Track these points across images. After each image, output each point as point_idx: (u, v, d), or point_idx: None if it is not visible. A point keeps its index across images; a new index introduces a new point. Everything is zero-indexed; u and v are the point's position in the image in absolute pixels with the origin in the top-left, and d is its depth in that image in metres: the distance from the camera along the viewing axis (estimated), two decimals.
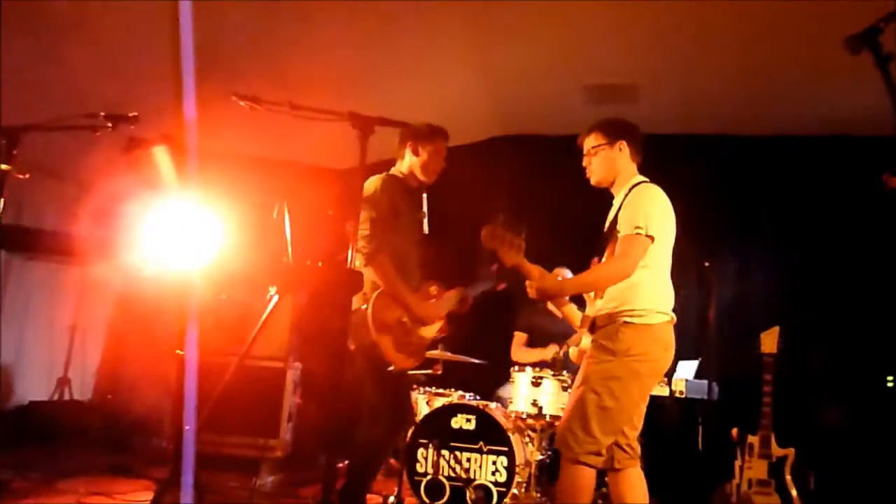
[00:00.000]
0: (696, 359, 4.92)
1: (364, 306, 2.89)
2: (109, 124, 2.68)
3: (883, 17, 1.53)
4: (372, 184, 3.04)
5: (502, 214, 2.79)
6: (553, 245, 3.35)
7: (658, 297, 2.64)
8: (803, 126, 5.25)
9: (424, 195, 3.25)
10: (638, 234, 2.58)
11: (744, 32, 4.26)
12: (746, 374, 4.17)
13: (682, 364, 4.99)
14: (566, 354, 4.26)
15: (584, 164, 2.88)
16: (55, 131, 2.65)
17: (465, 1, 4.17)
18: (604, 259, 2.76)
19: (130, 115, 2.68)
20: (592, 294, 2.81)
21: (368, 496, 3.18)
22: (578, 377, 2.70)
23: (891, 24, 1.53)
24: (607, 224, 2.83)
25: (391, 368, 2.94)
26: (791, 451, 3.89)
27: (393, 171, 3.19)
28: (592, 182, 2.87)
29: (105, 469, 4.36)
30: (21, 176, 2.49)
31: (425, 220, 3.24)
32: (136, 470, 4.37)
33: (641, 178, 2.82)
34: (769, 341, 4.05)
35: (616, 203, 2.80)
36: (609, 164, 2.82)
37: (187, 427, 1.91)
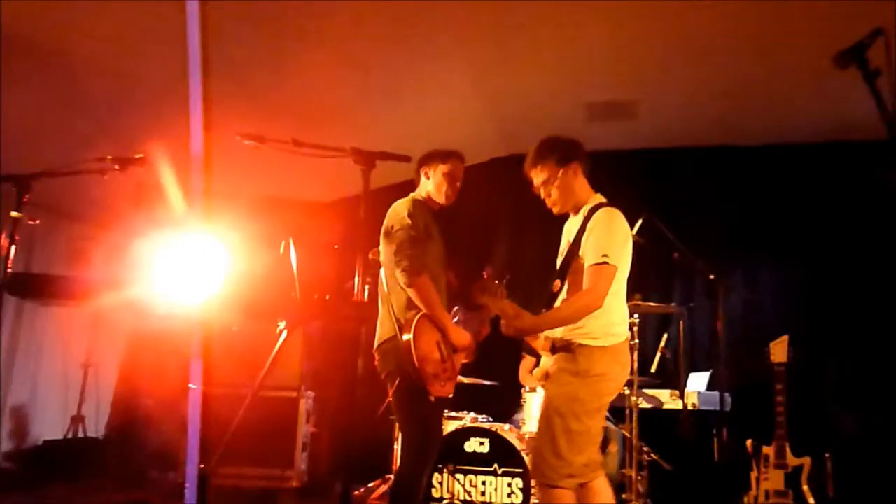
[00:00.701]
0: (706, 370, 4.92)
1: (406, 337, 2.83)
2: (117, 167, 2.74)
3: (868, 34, 1.57)
4: (403, 206, 3.02)
5: (489, 268, 2.89)
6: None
7: (614, 320, 2.68)
8: (804, 134, 5.28)
9: None
10: (605, 263, 2.59)
11: (739, 44, 4.31)
12: (759, 384, 4.17)
13: (693, 376, 4.98)
14: None
15: (541, 195, 2.83)
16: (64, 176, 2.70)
17: (463, 25, 4.23)
18: (565, 284, 2.76)
19: (137, 156, 2.74)
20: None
21: None
22: (543, 402, 2.74)
23: (877, 40, 1.57)
24: (567, 245, 2.81)
25: (432, 398, 2.88)
26: (807, 461, 3.87)
27: (415, 195, 3.18)
28: (557, 212, 2.85)
29: None
30: (32, 222, 2.54)
31: None
32: None
33: (599, 198, 2.82)
34: (779, 350, 4.05)
35: (575, 223, 2.80)
36: (569, 189, 2.79)
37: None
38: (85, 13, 3.71)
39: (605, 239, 2.63)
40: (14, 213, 2.52)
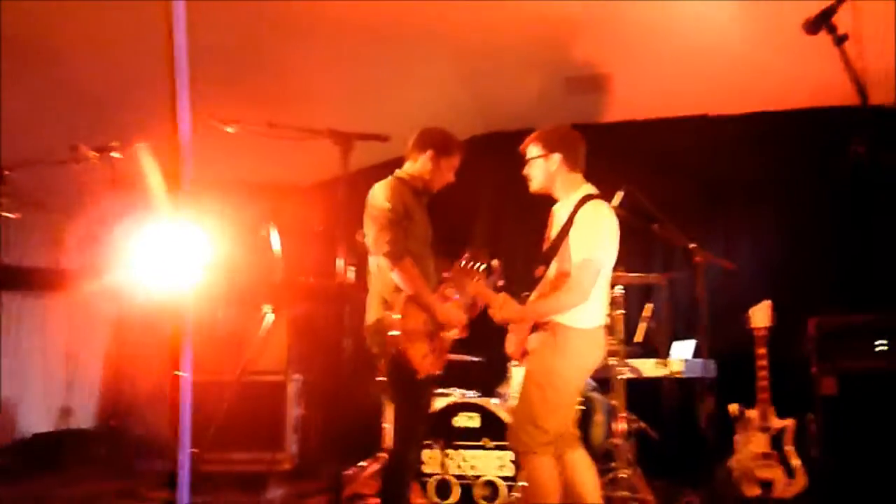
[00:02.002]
0: (691, 338, 4.97)
1: (392, 314, 2.86)
2: (93, 153, 2.71)
3: (837, 1, 1.58)
4: (381, 190, 3.00)
5: (469, 251, 2.97)
6: (541, 241, 3.40)
7: (592, 308, 2.82)
8: (778, 101, 5.31)
9: None
10: (591, 260, 2.74)
11: (712, 15, 4.31)
12: (743, 349, 4.23)
13: (676, 344, 5.03)
14: None
15: (524, 171, 3.02)
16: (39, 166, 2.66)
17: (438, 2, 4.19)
18: (550, 269, 2.90)
19: (112, 144, 2.71)
20: (533, 296, 2.95)
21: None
22: (523, 375, 2.90)
23: (843, 5, 1.58)
24: (554, 232, 2.95)
25: (420, 377, 2.90)
26: (790, 422, 3.94)
27: (399, 173, 3.14)
28: (531, 189, 3.03)
29: (113, 495, 4.37)
30: (11, 216, 2.51)
31: None
32: (142, 494, 4.38)
33: (589, 189, 2.93)
34: (760, 315, 4.09)
35: (563, 211, 2.93)
36: (544, 174, 2.96)
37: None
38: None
39: (592, 236, 2.77)
40: None
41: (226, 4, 3.70)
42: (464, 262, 2.93)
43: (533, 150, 2.99)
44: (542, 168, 2.96)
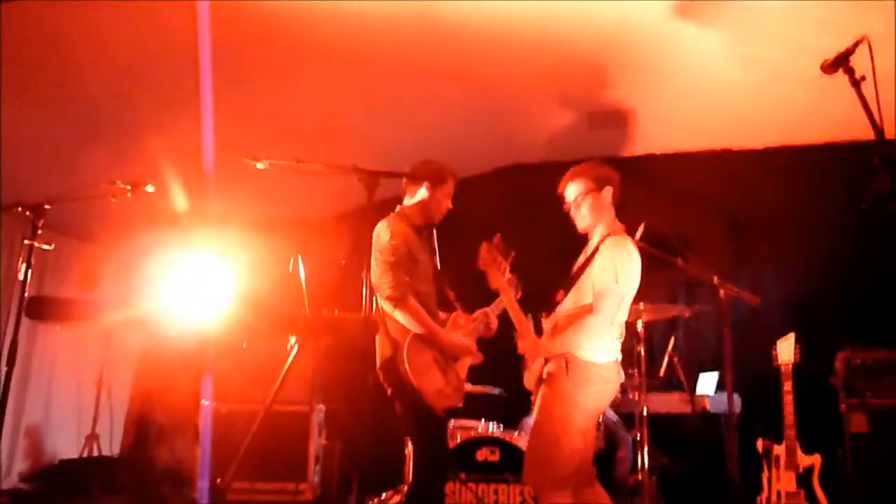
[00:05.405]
0: (714, 370, 4.92)
1: (401, 358, 2.88)
2: (129, 188, 2.81)
3: (853, 43, 1.62)
4: (383, 229, 3.04)
5: (498, 236, 2.95)
6: (563, 271, 3.41)
7: (606, 342, 2.80)
8: (799, 135, 5.31)
9: (434, 231, 3.31)
10: (614, 288, 2.72)
11: (732, 50, 4.35)
12: (769, 383, 4.18)
13: (703, 376, 4.98)
14: None
15: (569, 211, 2.96)
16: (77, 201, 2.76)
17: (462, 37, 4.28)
18: (566, 300, 2.88)
19: (146, 179, 2.80)
20: (548, 325, 2.93)
21: None
22: (536, 407, 2.84)
23: (859, 48, 1.62)
24: (579, 262, 2.93)
25: (438, 413, 2.94)
26: (817, 459, 3.87)
27: (399, 210, 3.21)
28: (580, 229, 2.97)
29: None
30: (47, 247, 2.60)
31: (436, 257, 3.29)
32: None
33: (616, 224, 2.93)
34: (786, 350, 4.05)
35: (591, 245, 2.93)
36: (598, 210, 2.91)
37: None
38: (92, 41, 3.76)
39: (615, 266, 2.75)
40: (28, 241, 2.58)
41: (245, 32, 3.80)
42: (493, 243, 2.95)
43: (580, 186, 2.91)
44: (594, 203, 2.89)
